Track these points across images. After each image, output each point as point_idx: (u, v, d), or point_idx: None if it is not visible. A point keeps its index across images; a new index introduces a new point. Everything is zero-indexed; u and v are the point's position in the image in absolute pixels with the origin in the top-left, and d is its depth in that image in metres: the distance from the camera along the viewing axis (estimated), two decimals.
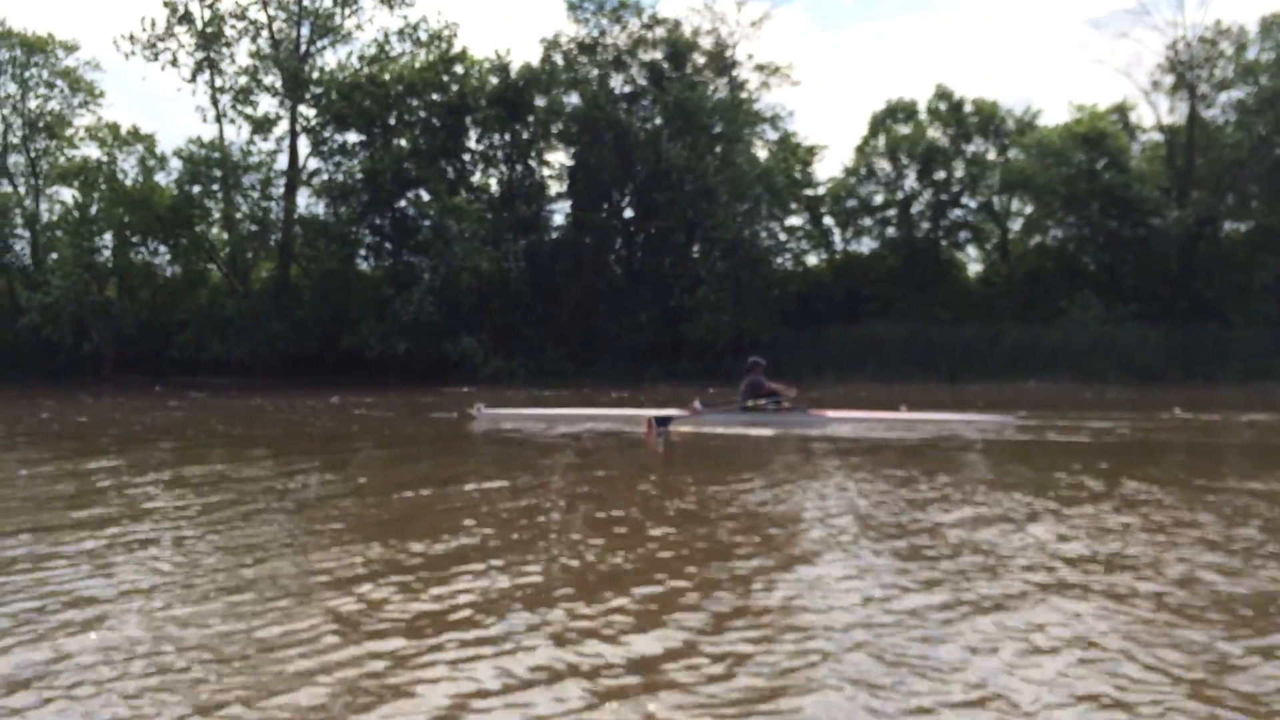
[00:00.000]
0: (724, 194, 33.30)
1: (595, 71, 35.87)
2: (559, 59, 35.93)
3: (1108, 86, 40.36)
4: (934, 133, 36.27)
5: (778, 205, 34.77)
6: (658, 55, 36.28)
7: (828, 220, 37.84)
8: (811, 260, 38.01)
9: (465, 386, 28.24)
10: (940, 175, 36.04)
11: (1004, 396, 22.49)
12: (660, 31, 35.85)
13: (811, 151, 37.08)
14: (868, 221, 37.06)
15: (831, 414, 14.07)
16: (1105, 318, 31.78)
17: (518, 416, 15.01)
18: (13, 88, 38.06)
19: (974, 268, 37.87)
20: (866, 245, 37.58)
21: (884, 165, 36.55)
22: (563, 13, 42.79)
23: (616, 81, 36.61)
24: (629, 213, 37.28)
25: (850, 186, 36.90)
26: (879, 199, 36.83)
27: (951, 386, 28.15)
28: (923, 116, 36.71)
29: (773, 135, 36.86)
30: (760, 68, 36.58)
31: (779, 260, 35.92)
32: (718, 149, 34.74)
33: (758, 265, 34.02)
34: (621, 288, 35.80)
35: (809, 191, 37.26)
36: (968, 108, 36.47)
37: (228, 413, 18.15)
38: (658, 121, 35.40)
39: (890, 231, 36.87)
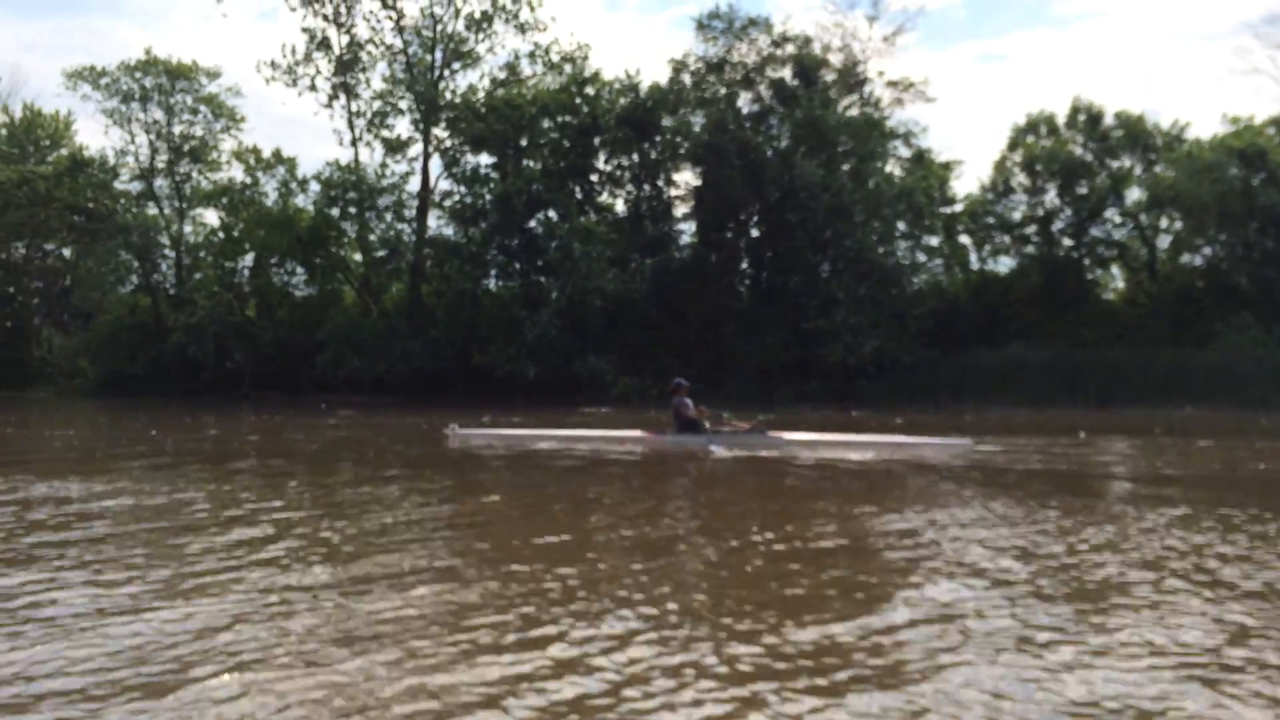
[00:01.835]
0: (859, 213, 33.31)
1: (723, 90, 36.35)
2: (687, 79, 36.55)
3: (1264, 99, 39.09)
4: (1075, 147, 35.70)
5: (919, 224, 34.58)
6: (786, 73, 36.54)
7: (963, 238, 37.53)
8: (946, 280, 37.61)
9: (603, 408, 28.85)
10: (1082, 190, 35.41)
11: (1170, 424, 22.01)
12: (789, 49, 36.13)
13: (948, 167, 36.82)
14: (1005, 239, 36.64)
15: (788, 436, 14.78)
16: (1264, 340, 30.76)
17: (490, 437, 15.88)
18: (159, 114, 40.34)
19: (1118, 287, 37.05)
20: (1004, 264, 37.18)
21: (1023, 180, 36.10)
22: (691, 32, 43.29)
23: (744, 100, 37.01)
24: (755, 232, 37.60)
25: (987, 203, 36.55)
26: (1017, 215, 36.38)
27: (1101, 412, 27.61)
28: (1064, 130, 36.16)
29: (906, 152, 36.67)
30: (892, 84, 36.55)
31: (915, 280, 35.68)
32: (846, 167, 34.85)
33: (894, 285, 33.95)
34: (749, 308, 36.08)
35: (945, 209, 36.99)
36: (1108, 120, 35.86)
37: (392, 431, 18.97)
38: (784, 140, 35.85)
39: (1029, 249, 36.37)
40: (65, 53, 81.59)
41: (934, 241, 36.04)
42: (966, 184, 60.31)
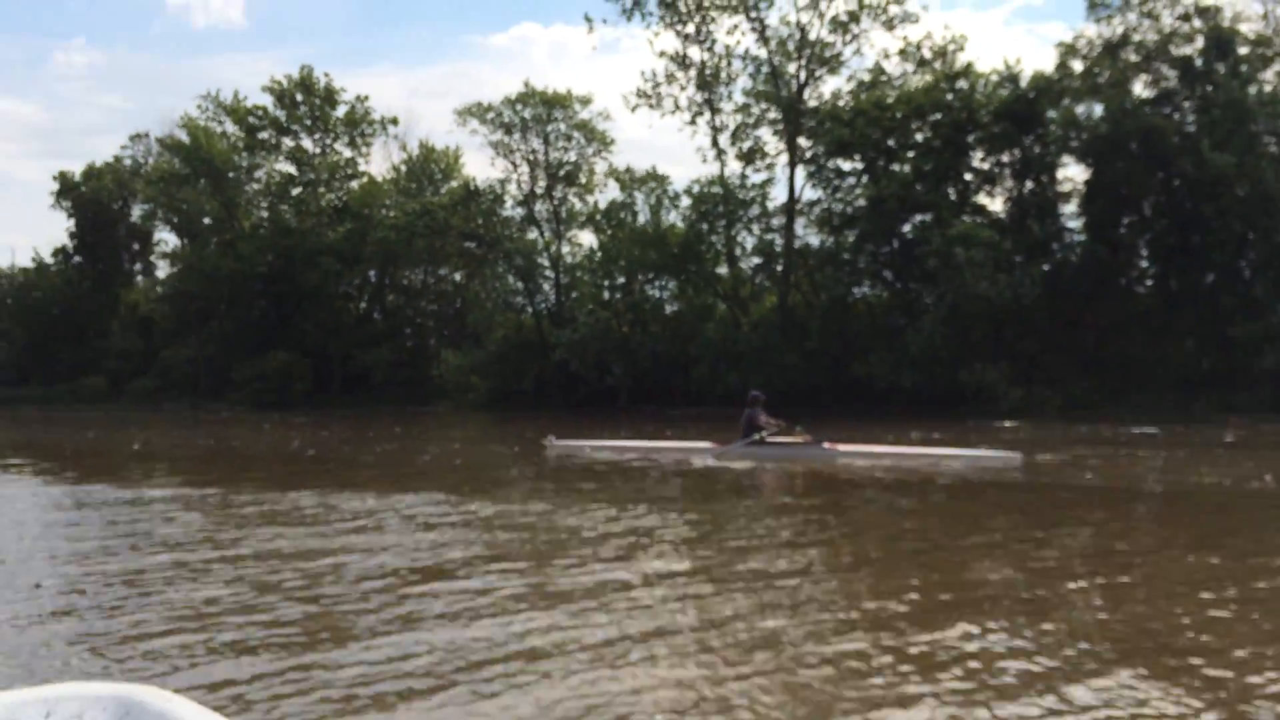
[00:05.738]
0: None
1: (1119, 74, 34.30)
2: (1076, 64, 34.85)
3: None
4: None
5: None
6: (1189, 50, 33.91)
7: None
8: None
9: (999, 421, 28.11)
10: None
11: None
12: (1198, 23, 33.48)
13: None
14: None
15: (844, 447, 15.48)
16: None
17: (585, 448, 17.74)
18: (537, 143, 43.85)
19: None
20: None
21: None
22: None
23: (1140, 83, 34.76)
24: (1157, 227, 35.10)
25: None
26: None
27: None
28: None
29: None
30: None
31: None
32: (1273, 149, 31.79)
33: None
34: (1155, 311, 33.77)
35: None
36: None
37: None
38: (1190, 123, 33.32)
39: None
40: (440, 96, 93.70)
41: None
42: None
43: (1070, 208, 36.39)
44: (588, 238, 43.37)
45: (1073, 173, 36.19)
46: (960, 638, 5.22)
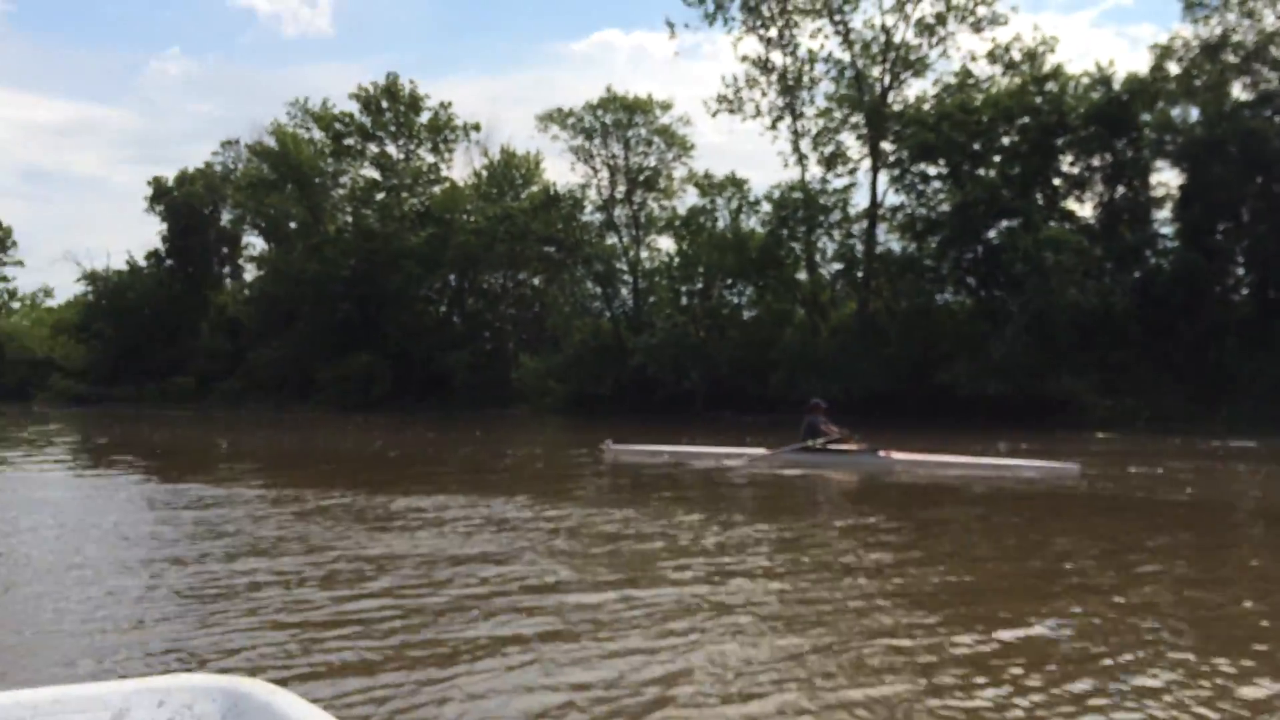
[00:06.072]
0: None
1: (1217, 76, 33.10)
2: (1172, 66, 33.71)
3: None
4: None
5: None
6: None
7: None
8: None
9: (1099, 432, 27.23)
10: None
11: None
12: None
13: None
14: None
15: (898, 455, 15.20)
16: None
17: (643, 453, 17.90)
18: (617, 148, 43.82)
19: None
20: None
21: None
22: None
23: (1239, 85, 33.52)
24: (1257, 233, 33.76)
25: None
26: None
27: None
28: None
29: None
30: None
31: None
32: None
33: None
34: (1252, 319, 32.46)
35: None
36: None
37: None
38: None
39: None
40: (522, 102, 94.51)
41: None
42: None
43: (1164, 213, 35.29)
44: (666, 243, 43.26)
45: (1167, 177, 35.05)
46: (1121, 670, 4.83)
